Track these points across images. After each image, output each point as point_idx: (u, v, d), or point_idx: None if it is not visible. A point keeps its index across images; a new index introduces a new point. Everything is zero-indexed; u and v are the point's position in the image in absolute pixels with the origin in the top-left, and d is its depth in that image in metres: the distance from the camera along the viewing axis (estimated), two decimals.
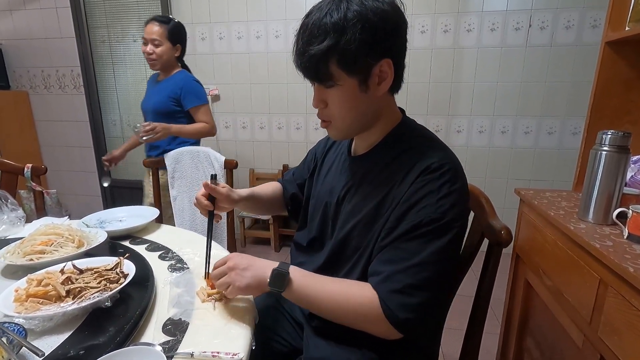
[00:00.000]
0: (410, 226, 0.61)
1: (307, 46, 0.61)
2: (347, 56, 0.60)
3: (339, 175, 0.78)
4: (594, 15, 2.17)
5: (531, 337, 1.14)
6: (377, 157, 0.71)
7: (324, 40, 0.59)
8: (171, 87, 1.70)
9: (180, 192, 1.72)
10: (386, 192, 0.66)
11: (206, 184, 0.80)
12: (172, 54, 1.71)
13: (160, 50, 1.67)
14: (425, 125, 0.75)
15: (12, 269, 0.81)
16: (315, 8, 0.62)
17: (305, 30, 0.62)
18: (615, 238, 0.81)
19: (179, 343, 0.59)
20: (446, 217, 0.60)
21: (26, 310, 0.61)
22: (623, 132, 0.85)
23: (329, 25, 0.59)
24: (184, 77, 1.73)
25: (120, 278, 0.70)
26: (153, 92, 1.77)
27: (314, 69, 0.63)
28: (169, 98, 1.70)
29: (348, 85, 0.63)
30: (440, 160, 0.62)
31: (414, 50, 2.39)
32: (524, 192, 1.18)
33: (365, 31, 0.59)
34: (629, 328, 0.67)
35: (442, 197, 0.60)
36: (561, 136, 2.37)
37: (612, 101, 1.14)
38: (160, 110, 1.71)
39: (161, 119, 1.67)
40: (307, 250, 0.83)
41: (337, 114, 0.68)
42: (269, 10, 2.52)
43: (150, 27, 1.66)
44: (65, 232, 0.88)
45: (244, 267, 0.67)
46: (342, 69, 0.62)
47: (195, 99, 1.72)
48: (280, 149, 2.77)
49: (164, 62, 1.70)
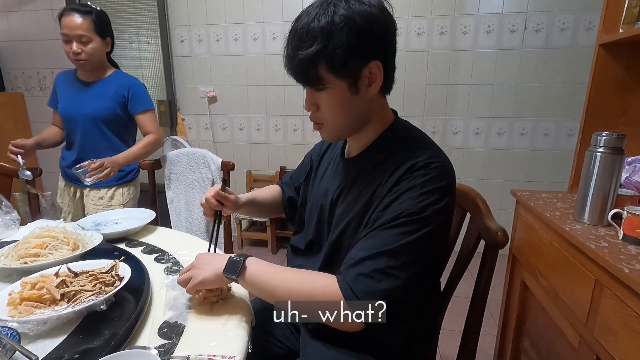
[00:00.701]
0: (389, 217, 0.61)
1: (296, 51, 0.62)
2: (335, 60, 0.60)
3: (333, 178, 0.78)
4: (588, 17, 2.19)
5: (528, 338, 1.14)
6: (369, 158, 0.71)
7: (312, 45, 0.60)
8: (115, 90, 1.49)
9: (177, 194, 1.72)
10: (372, 191, 0.66)
11: (217, 192, 0.81)
12: (103, 51, 1.47)
13: (91, 47, 1.40)
14: (422, 126, 0.75)
15: (6, 272, 0.80)
16: (304, 12, 0.63)
17: (294, 35, 0.63)
18: (610, 239, 0.81)
19: (175, 346, 0.58)
20: (426, 212, 0.60)
21: (20, 314, 0.61)
22: (617, 134, 0.86)
23: (316, 29, 0.59)
24: (129, 78, 1.55)
25: (116, 281, 0.70)
26: (86, 96, 1.49)
27: (303, 73, 0.64)
28: (116, 103, 1.49)
29: (338, 88, 0.64)
30: (428, 159, 0.63)
31: (410, 52, 2.40)
32: (519, 193, 1.19)
33: (352, 35, 0.59)
34: (625, 329, 0.67)
35: (424, 193, 0.60)
36: (557, 137, 2.38)
37: (607, 103, 1.15)
38: (104, 117, 1.48)
39: (100, 127, 1.49)
40: (305, 253, 0.83)
41: (329, 117, 0.68)
42: (265, 12, 2.52)
43: (70, 21, 1.35)
44: (60, 234, 0.88)
45: (205, 262, 0.69)
46: (331, 73, 0.62)
47: (144, 103, 1.53)
48: (277, 151, 2.76)
49: (96, 61, 1.45)
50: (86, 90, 1.50)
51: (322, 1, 0.62)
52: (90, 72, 1.50)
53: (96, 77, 1.51)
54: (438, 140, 2.49)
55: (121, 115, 1.52)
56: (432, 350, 0.81)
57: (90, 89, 1.50)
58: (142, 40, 2.76)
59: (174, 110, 2.78)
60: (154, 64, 2.78)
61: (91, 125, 1.49)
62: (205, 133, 2.82)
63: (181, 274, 0.70)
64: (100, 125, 1.49)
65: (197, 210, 1.70)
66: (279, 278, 0.65)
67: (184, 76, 2.74)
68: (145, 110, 1.54)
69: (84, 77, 1.51)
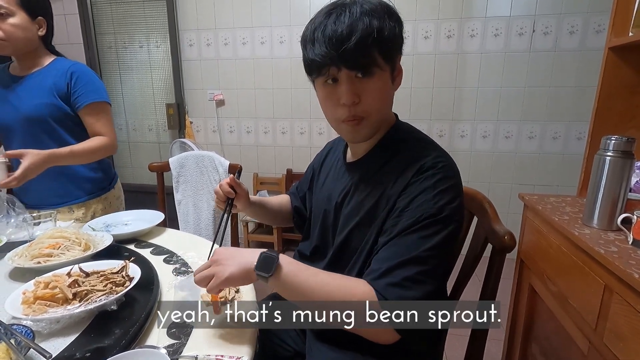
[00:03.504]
0: (408, 223, 0.60)
1: (352, 28, 0.58)
2: (389, 42, 0.60)
3: (336, 182, 0.79)
4: (597, 20, 2.17)
5: (536, 344, 1.13)
6: (373, 160, 0.72)
7: (369, 24, 0.58)
8: (53, 79, 1.15)
9: (185, 197, 1.74)
10: (381, 192, 0.66)
11: (232, 178, 0.82)
12: (33, 33, 1.13)
13: (11, 24, 1.07)
14: (429, 129, 0.76)
15: (20, 272, 0.82)
16: (333, 4, 0.62)
17: (341, 15, 0.59)
18: (620, 244, 0.81)
19: (184, 346, 0.59)
20: (444, 212, 0.60)
21: (34, 312, 0.62)
22: (627, 138, 0.85)
23: (369, 10, 0.59)
24: (72, 63, 1.20)
25: (126, 281, 0.71)
26: (18, 93, 1.15)
27: (361, 53, 0.59)
28: (54, 96, 1.14)
29: (385, 75, 0.64)
30: (434, 159, 0.63)
31: (417, 56, 2.40)
32: (528, 197, 1.18)
33: (396, 20, 0.61)
34: (635, 334, 0.66)
35: (438, 193, 0.60)
36: (566, 141, 2.36)
37: (616, 106, 1.14)
38: (43, 116, 1.14)
39: (42, 130, 1.15)
40: (310, 259, 0.84)
41: (375, 107, 0.64)
42: (273, 17, 2.54)
43: None
44: (72, 235, 0.89)
45: (228, 256, 0.61)
46: (381, 56, 0.61)
47: (93, 93, 1.17)
48: (284, 154, 2.78)
49: (20, 42, 1.11)
50: (19, 86, 1.16)
51: None
52: (20, 61, 1.17)
53: (30, 69, 1.17)
54: (445, 143, 2.52)
55: (64, 110, 1.17)
56: (439, 354, 0.80)
57: (24, 84, 1.16)
58: (152, 44, 2.80)
59: (183, 113, 2.81)
60: (163, 68, 2.82)
61: (30, 130, 1.15)
62: (213, 136, 2.85)
63: (198, 271, 0.62)
64: (42, 128, 1.15)
65: (205, 212, 1.71)
66: (315, 281, 0.60)
67: (193, 79, 2.77)
68: (95, 102, 1.18)
69: (16, 70, 1.19)
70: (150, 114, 2.95)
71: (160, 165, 1.63)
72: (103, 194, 1.33)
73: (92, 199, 1.30)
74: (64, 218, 1.24)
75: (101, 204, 1.32)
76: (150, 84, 2.89)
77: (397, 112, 0.76)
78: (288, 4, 2.50)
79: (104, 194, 1.33)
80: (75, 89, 1.16)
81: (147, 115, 2.96)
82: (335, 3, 0.62)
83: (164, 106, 2.82)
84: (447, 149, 0.69)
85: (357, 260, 0.69)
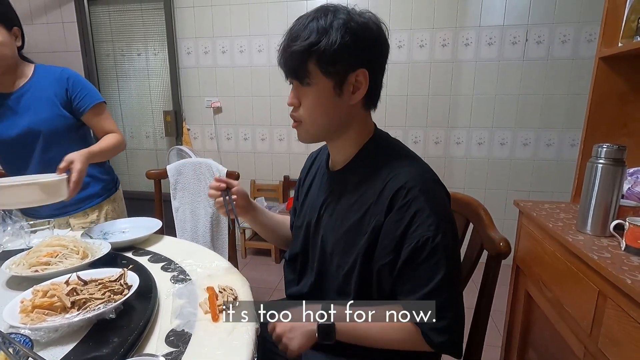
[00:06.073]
0: (410, 251, 0.63)
1: (291, 42, 0.65)
2: (326, 56, 0.63)
3: (319, 192, 0.81)
4: (589, 29, 2.21)
5: (533, 349, 1.13)
6: (352, 172, 0.74)
7: (307, 39, 0.63)
8: (52, 89, 1.14)
9: (182, 204, 1.74)
10: (364, 210, 0.68)
11: (216, 177, 0.85)
12: (13, 46, 1.10)
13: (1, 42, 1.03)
14: (425, 137, 0.78)
15: (18, 280, 0.82)
16: (304, 15, 0.67)
17: (292, 30, 0.66)
18: (612, 250, 0.82)
19: (182, 354, 0.59)
20: (439, 232, 0.62)
21: (32, 321, 0.62)
22: (618, 146, 0.87)
23: (314, 27, 0.63)
24: (60, 69, 1.18)
25: (124, 289, 0.71)
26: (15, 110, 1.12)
27: (293, 65, 0.66)
28: (58, 106, 1.14)
29: (323, 86, 0.66)
30: (413, 180, 0.65)
31: (412, 64, 2.43)
32: (522, 203, 1.20)
33: (347, 36, 0.63)
34: (629, 339, 0.67)
35: (429, 215, 0.63)
36: (560, 148, 2.39)
37: (608, 115, 1.16)
38: (57, 128, 1.14)
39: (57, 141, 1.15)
40: (292, 265, 0.86)
41: (309, 115, 0.70)
42: (270, 25, 2.57)
43: None
44: (70, 243, 0.89)
45: (288, 329, 0.68)
46: (319, 69, 0.65)
47: (92, 94, 1.18)
48: (281, 161, 2.79)
49: (9, 60, 1.08)
50: (12, 102, 1.12)
51: (325, 8, 0.65)
52: (3, 76, 1.11)
53: (15, 83, 1.12)
54: (441, 151, 2.54)
55: (71, 120, 1.18)
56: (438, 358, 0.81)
57: (19, 100, 1.12)
58: (150, 52, 2.82)
59: (180, 121, 2.82)
60: (161, 75, 2.84)
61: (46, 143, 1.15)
62: (210, 143, 2.85)
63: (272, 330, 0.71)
64: (53, 141, 1.16)
65: (202, 220, 1.71)
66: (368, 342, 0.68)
67: (190, 87, 2.79)
68: (97, 103, 1.19)
69: (2, 86, 1.12)
70: (147, 121, 2.95)
71: (157, 173, 1.64)
72: (111, 195, 1.37)
73: (103, 201, 1.34)
74: (79, 223, 1.28)
75: (110, 204, 1.36)
76: (148, 91, 2.90)
77: (393, 119, 0.78)
78: (285, 12, 2.53)
79: (112, 195, 1.38)
80: (75, 93, 1.16)
81: (145, 122, 2.97)
82: (302, 15, 0.67)
83: (162, 113, 2.83)
84: (443, 156, 0.71)
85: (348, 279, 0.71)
